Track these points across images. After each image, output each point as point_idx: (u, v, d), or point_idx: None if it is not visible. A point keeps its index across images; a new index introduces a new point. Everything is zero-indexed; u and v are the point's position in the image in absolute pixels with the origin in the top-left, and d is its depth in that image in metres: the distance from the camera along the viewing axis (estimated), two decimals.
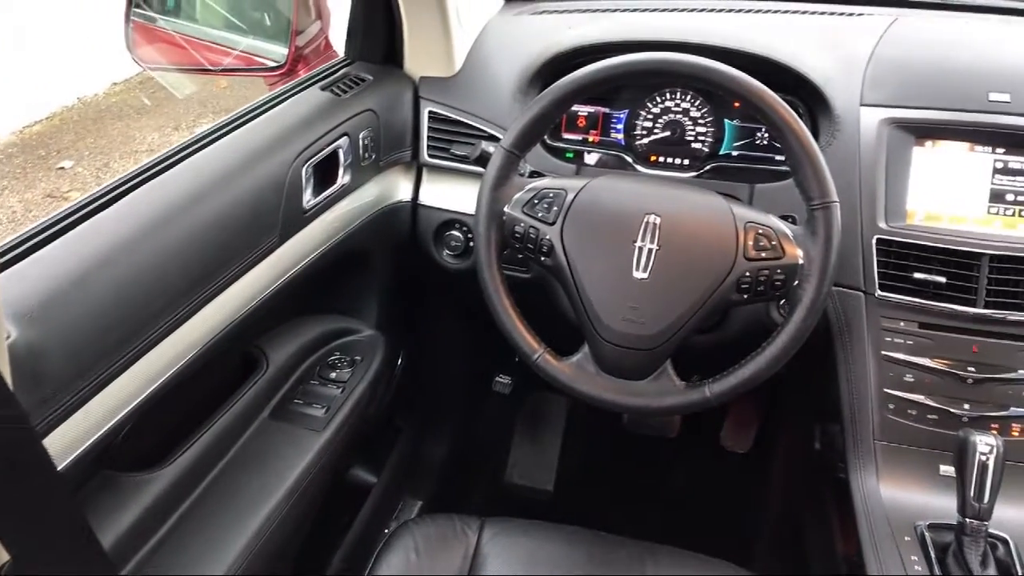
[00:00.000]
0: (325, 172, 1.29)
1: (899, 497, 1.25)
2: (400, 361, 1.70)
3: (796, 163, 1.11)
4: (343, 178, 1.33)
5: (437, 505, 1.79)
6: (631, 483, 2.01)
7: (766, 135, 1.41)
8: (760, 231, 1.12)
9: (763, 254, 1.11)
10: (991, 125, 1.27)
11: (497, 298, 1.18)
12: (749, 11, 1.54)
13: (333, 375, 1.40)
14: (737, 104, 1.40)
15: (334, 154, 1.30)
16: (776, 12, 1.54)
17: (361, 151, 1.36)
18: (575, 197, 1.16)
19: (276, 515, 1.16)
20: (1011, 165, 1.27)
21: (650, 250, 1.12)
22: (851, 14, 1.52)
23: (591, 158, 1.48)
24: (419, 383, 1.81)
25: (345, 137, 1.32)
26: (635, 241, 1.13)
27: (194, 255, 1.04)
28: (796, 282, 1.11)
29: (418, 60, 1.50)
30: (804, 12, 1.54)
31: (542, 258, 1.17)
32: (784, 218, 1.18)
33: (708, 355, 1.20)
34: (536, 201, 1.17)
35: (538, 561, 1.25)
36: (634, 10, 1.57)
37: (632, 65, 1.14)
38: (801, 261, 1.11)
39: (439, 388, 1.92)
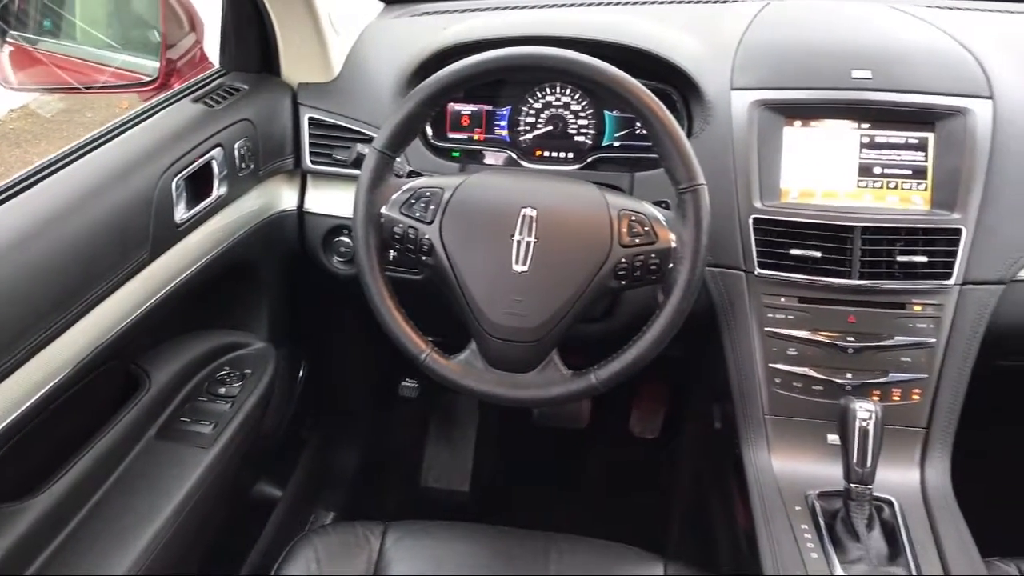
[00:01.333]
0: (199, 184, 1.26)
1: (790, 468, 1.28)
2: (302, 372, 1.68)
3: (662, 149, 1.13)
4: (219, 190, 1.30)
5: (351, 515, 1.77)
6: (546, 476, 2.03)
7: None
8: (633, 218, 1.14)
9: (637, 240, 1.13)
10: (855, 102, 1.31)
11: (380, 301, 1.17)
12: (623, 3, 1.57)
13: (222, 390, 1.37)
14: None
15: (207, 166, 1.27)
16: (650, 3, 1.56)
17: (238, 161, 1.34)
18: (452, 195, 1.16)
19: (163, 535, 1.14)
20: (877, 139, 1.31)
21: (528, 243, 1.13)
22: (724, 1, 1.56)
23: (477, 156, 1.49)
24: (324, 393, 1.79)
25: (219, 148, 1.29)
26: (513, 235, 1.13)
27: (58, 273, 1.01)
28: (671, 265, 1.13)
29: (295, 67, 1.49)
30: (678, 1, 1.57)
31: (423, 258, 1.17)
32: (658, 203, 1.20)
33: (602, 343, 1.21)
34: (413, 201, 1.17)
35: (442, 561, 1.24)
36: (511, 8, 1.58)
37: (496, 61, 1.14)
38: (674, 244, 1.13)
39: (346, 397, 1.90)
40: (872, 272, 1.26)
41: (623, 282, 1.14)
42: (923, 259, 1.26)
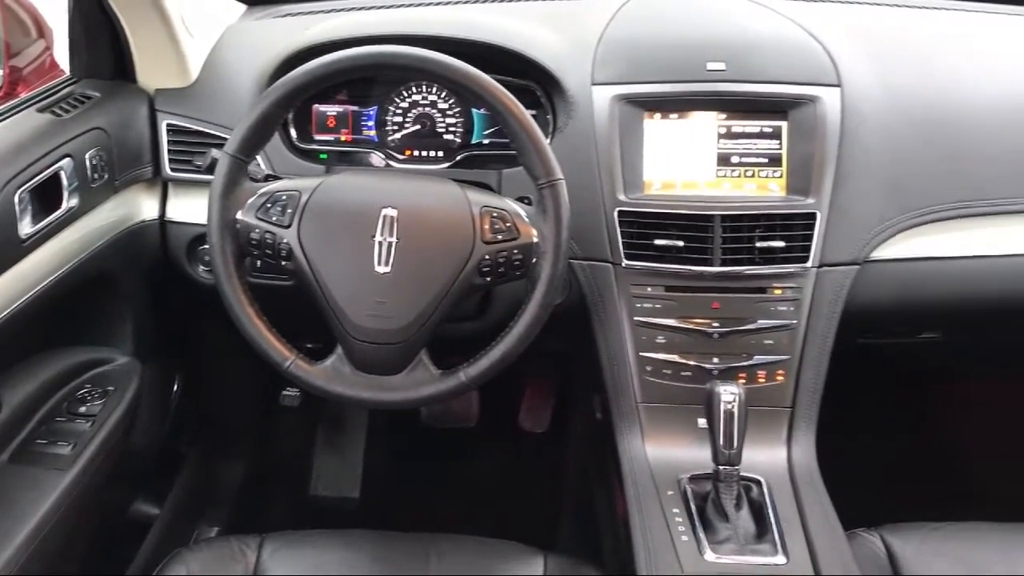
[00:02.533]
0: (46, 197, 1.21)
1: (663, 454, 1.31)
2: (176, 386, 1.62)
3: (519, 145, 1.14)
4: (69, 202, 1.25)
5: (236, 530, 1.73)
6: (437, 477, 2.02)
7: None
8: (495, 214, 1.14)
9: (499, 236, 1.13)
10: (710, 93, 1.34)
11: (240, 309, 1.14)
12: (486, 1, 1.57)
13: (82, 409, 1.31)
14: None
15: (55, 177, 1.22)
16: (512, 0, 1.57)
17: (90, 172, 1.29)
18: (309, 197, 1.14)
19: (16, 560, 1.08)
20: (733, 129, 1.35)
21: (390, 244, 1.12)
22: None
23: (345, 158, 1.47)
24: (203, 406, 1.74)
25: (68, 159, 1.24)
26: (374, 236, 1.12)
27: None
28: (534, 260, 1.14)
29: (150, 72, 1.44)
30: None
31: (282, 263, 1.15)
32: (521, 199, 1.21)
33: (477, 341, 1.21)
34: (269, 205, 1.15)
35: (320, 570, 1.22)
36: (375, 8, 1.56)
37: (348, 60, 1.13)
38: (535, 239, 1.14)
39: (226, 408, 1.85)
40: (733, 259, 1.30)
41: (488, 279, 1.14)
42: (781, 244, 1.30)
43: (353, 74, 1.15)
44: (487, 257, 1.13)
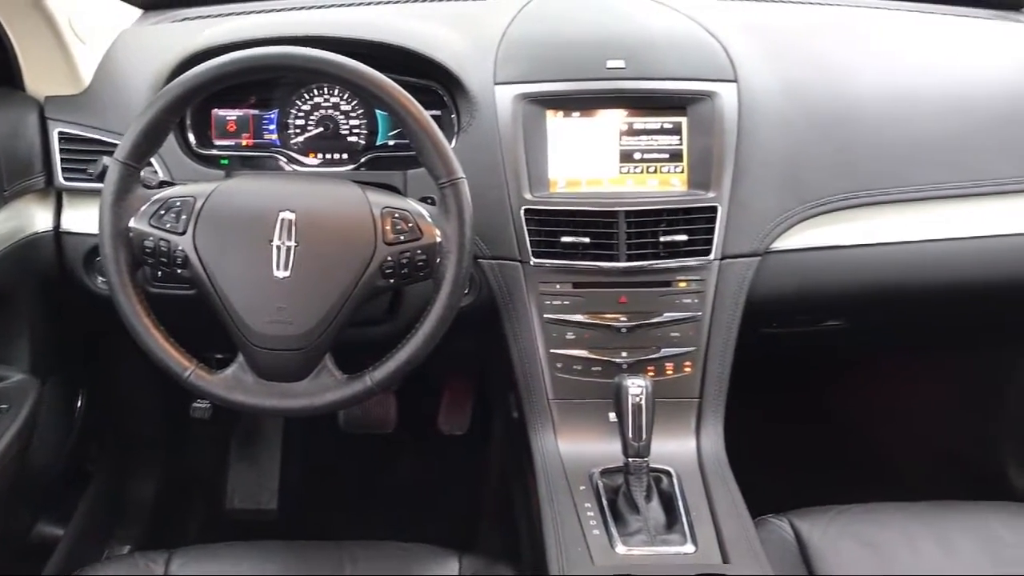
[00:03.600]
0: None
1: (575, 450, 1.31)
2: (80, 401, 1.57)
3: (419, 145, 1.13)
4: None
5: (150, 547, 1.68)
6: (356, 484, 2.00)
7: None
8: (397, 215, 1.13)
9: (401, 237, 1.12)
10: (610, 91, 1.35)
11: (136, 320, 1.11)
12: (389, 2, 1.56)
13: None
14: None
15: None
16: (413, 1, 1.57)
17: None
18: (204, 203, 1.12)
19: None
20: (634, 126, 1.36)
21: (288, 248, 1.10)
22: None
23: (248, 163, 1.44)
24: (110, 421, 1.69)
25: None
26: (272, 240, 1.10)
27: None
28: (438, 260, 1.13)
29: (39, 79, 1.39)
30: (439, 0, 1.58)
31: (178, 271, 1.12)
32: (424, 200, 1.20)
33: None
34: (163, 212, 1.12)
35: None
36: (275, 10, 1.54)
37: (240, 62, 1.11)
38: (439, 239, 1.13)
39: (135, 423, 1.80)
40: (638, 254, 1.31)
41: (392, 280, 1.14)
42: (684, 238, 1.32)
43: (245, 76, 1.13)
44: (389, 258, 1.12)
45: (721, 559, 1.14)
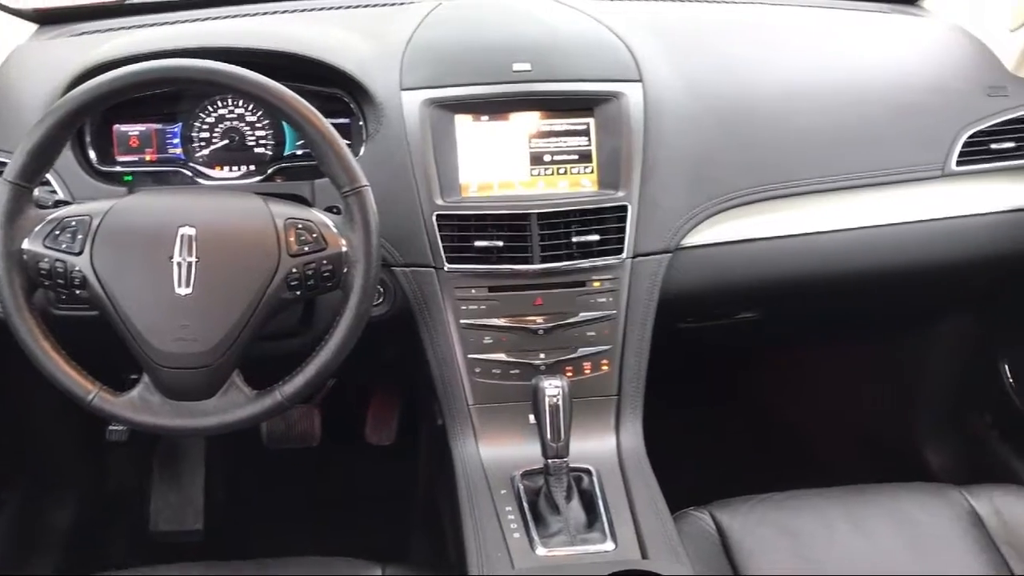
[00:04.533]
0: None
1: (496, 454, 1.31)
2: None
3: (320, 154, 1.12)
4: None
5: (70, 573, 1.64)
6: (283, 501, 1.97)
7: None
8: (300, 226, 1.12)
9: (306, 248, 1.11)
10: (517, 94, 1.35)
11: (34, 344, 1.07)
12: (294, 11, 1.54)
13: None
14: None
15: None
16: (319, 9, 1.55)
17: None
18: (101, 221, 1.09)
19: None
20: (543, 128, 1.37)
21: (189, 264, 1.08)
22: (401, 3, 1.57)
23: (153, 178, 1.41)
24: (20, 448, 1.63)
25: None
26: (172, 257, 1.08)
27: None
28: (345, 269, 1.12)
29: None
30: (352, 6, 1.57)
31: (77, 292, 1.09)
32: (329, 209, 1.19)
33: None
34: (58, 232, 1.08)
35: None
36: (177, 22, 1.51)
37: (132, 76, 1.08)
38: (345, 249, 1.12)
39: (48, 449, 1.75)
40: (552, 255, 1.31)
41: (298, 292, 1.12)
42: (596, 237, 1.32)
43: (139, 90, 1.10)
44: (295, 270, 1.10)
45: (640, 555, 1.14)
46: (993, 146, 1.49)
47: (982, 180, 1.51)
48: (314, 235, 1.12)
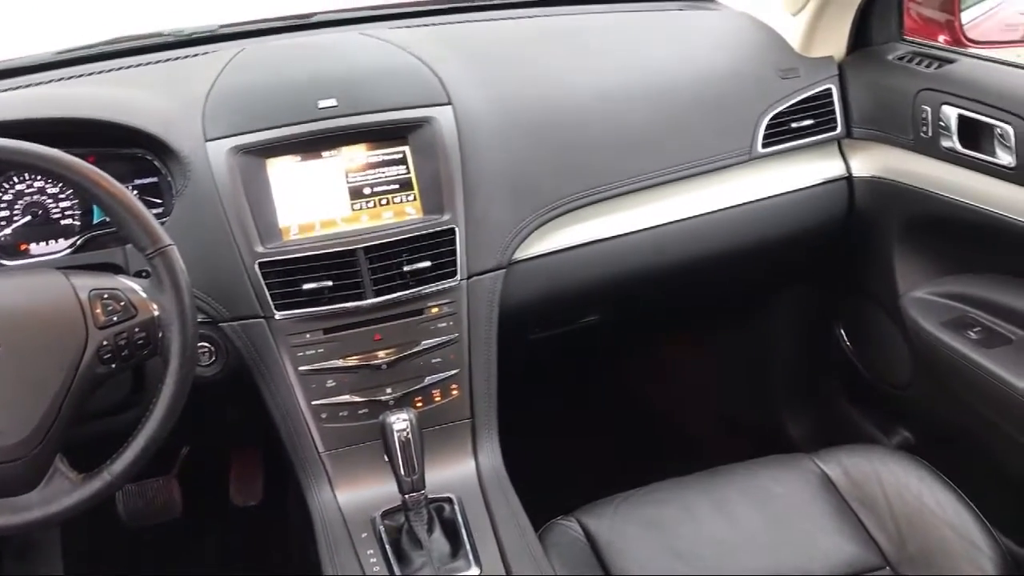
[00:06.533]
0: None
1: (355, 498, 1.29)
2: None
3: (117, 219, 1.07)
4: None
5: None
6: None
7: None
8: (106, 295, 1.06)
9: (115, 318, 1.06)
10: (325, 131, 1.33)
11: None
12: (89, 73, 1.47)
13: None
14: None
15: None
16: (120, 68, 1.49)
17: None
18: None
19: None
20: (359, 162, 1.35)
21: None
22: (196, 55, 1.52)
23: None
24: None
25: None
26: None
27: None
28: (160, 334, 1.08)
29: None
30: (150, 63, 1.51)
31: None
32: (139, 274, 1.14)
33: None
34: None
35: None
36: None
37: None
38: (156, 313, 1.07)
39: None
40: (385, 287, 1.30)
41: (114, 365, 1.06)
42: (428, 264, 1.31)
43: None
44: (106, 342, 1.05)
45: (505, 574, 1.14)
46: (794, 125, 1.56)
47: (789, 159, 1.59)
48: (122, 303, 1.06)
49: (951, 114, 1.43)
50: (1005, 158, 1.35)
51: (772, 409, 2.01)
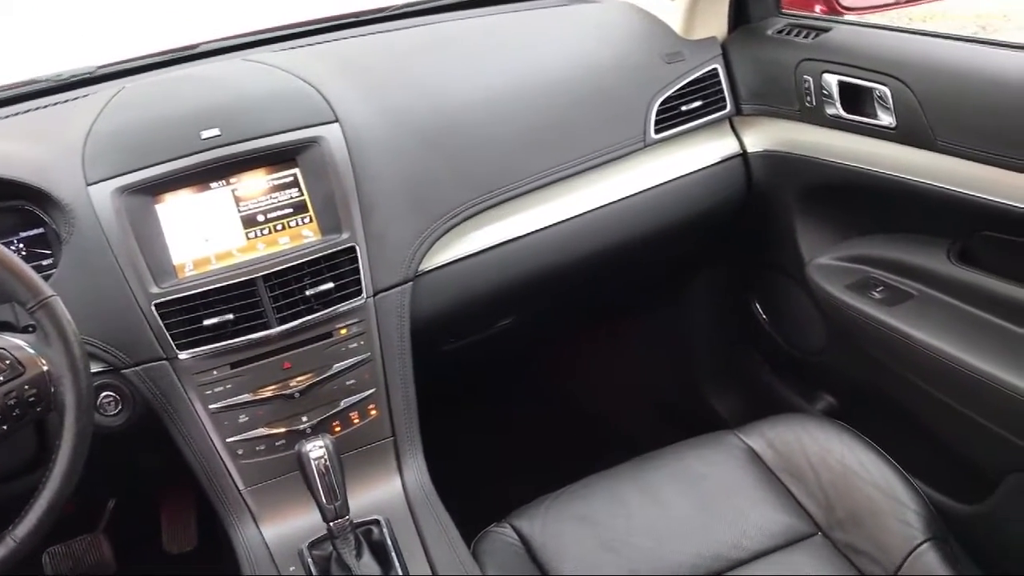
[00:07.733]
0: None
1: (281, 532, 1.26)
2: None
3: None
4: None
5: None
6: None
7: None
8: None
9: (1, 377, 1.01)
10: (211, 161, 1.29)
11: None
12: None
13: None
14: None
15: None
16: None
17: None
18: None
19: None
20: (248, 189, 1.32)
21: None
22: (76, 98, 1.48)
23: None
24: None
25: None
26: None
27: None
28: (52, 389, 1.04)
29: None
30: (22, 112, 1.46)
31: None
32: (25, 329, 1.10)
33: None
34: None
35: None
36: None
37: None
38: (46, 368, 1.03)
39: None
40: (290, 314, 1.27)
41: (6, 426, 1.02)
42: (331, 285, 1.28)
43: None
44: None
45: None
46: (684, 108, 1.58)
47: (683, 142, 1.61)
48: (7, 361, 1.02)
49: (832, 81, 1.46)
50: (886, 119, 1.38)
51: (700, 391, 2.03)
